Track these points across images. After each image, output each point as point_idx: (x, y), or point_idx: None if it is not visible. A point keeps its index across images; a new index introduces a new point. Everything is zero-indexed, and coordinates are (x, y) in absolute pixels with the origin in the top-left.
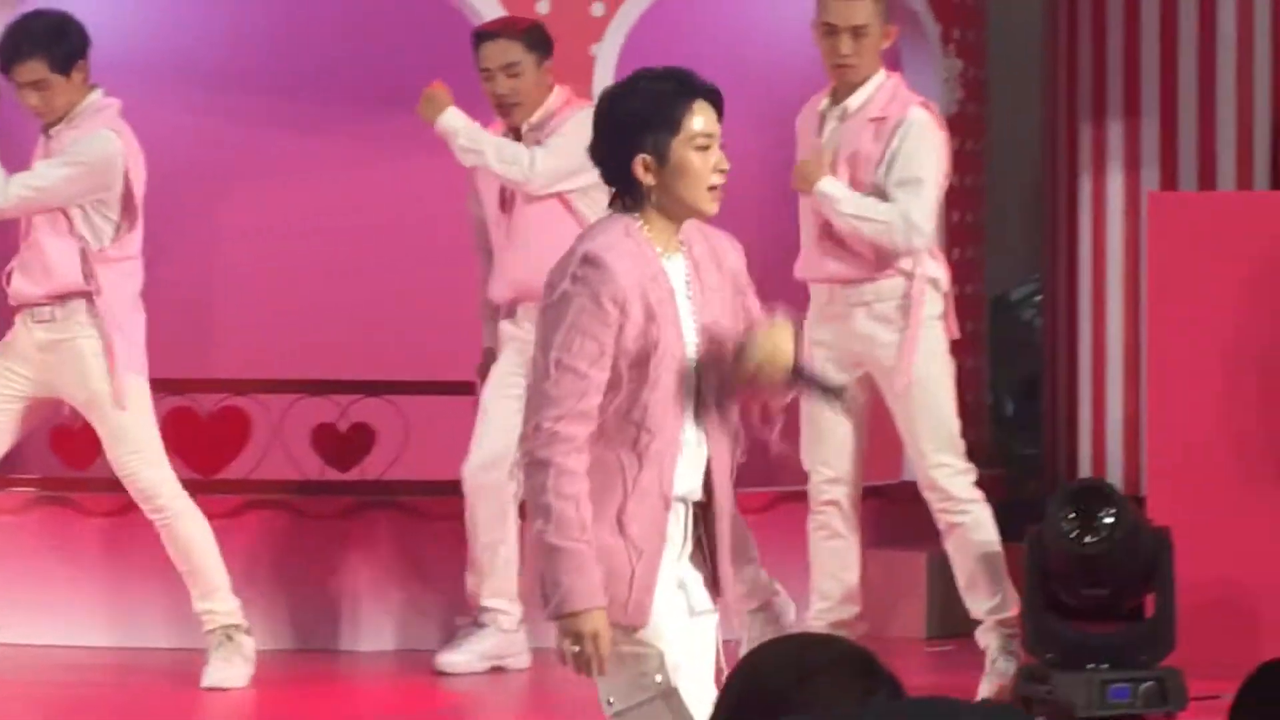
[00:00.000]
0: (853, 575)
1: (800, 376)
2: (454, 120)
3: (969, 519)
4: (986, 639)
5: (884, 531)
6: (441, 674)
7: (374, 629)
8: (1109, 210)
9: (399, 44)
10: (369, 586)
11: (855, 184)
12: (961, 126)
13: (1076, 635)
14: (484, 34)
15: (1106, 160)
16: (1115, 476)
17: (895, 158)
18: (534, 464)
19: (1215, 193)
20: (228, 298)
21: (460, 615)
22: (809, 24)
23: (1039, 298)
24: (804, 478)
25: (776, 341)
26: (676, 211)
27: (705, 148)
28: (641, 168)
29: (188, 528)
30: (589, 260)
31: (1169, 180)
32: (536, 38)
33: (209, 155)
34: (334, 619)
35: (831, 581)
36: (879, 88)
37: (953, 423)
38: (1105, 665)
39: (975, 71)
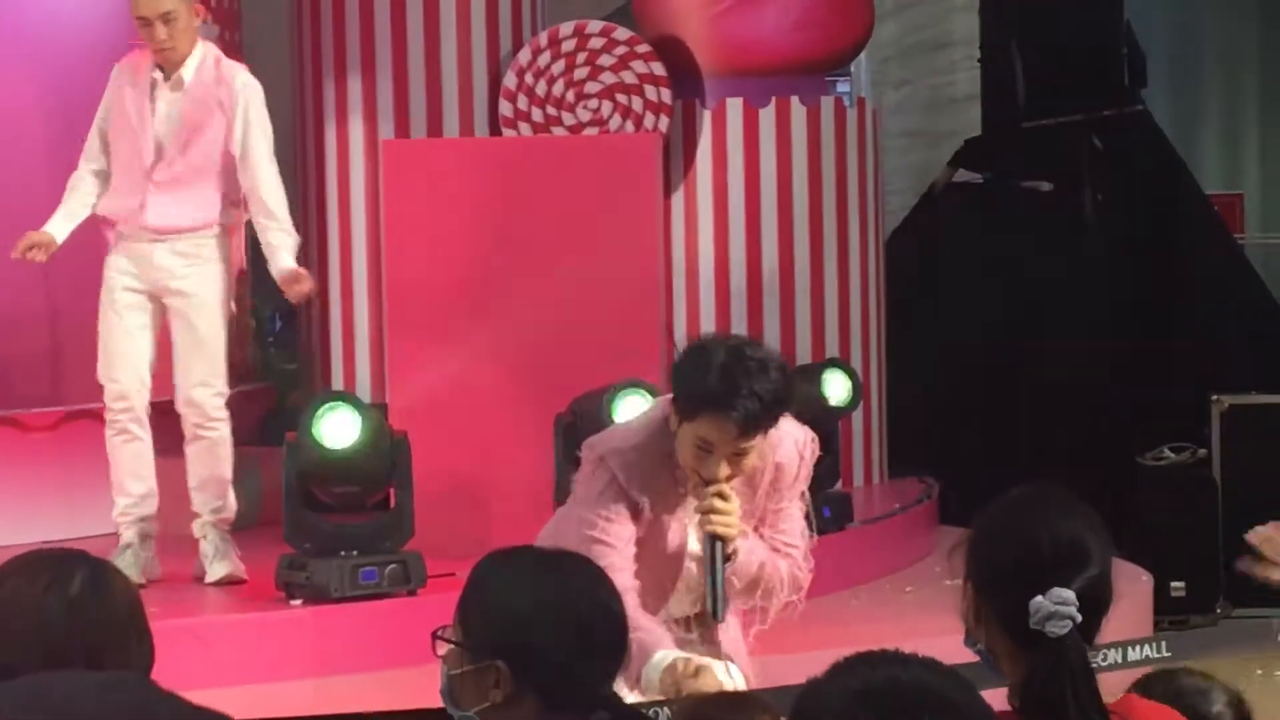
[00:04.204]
0: (151, 475)
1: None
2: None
3: (217, 434)
4: (204, 531)
5: (165, 441)
6: None
7: None
8: (351, 156)
9: None
10: None
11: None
12: None
13: (330, 526)
14: None
15: (348, 113)
16: (363, 388)
17: (245, 130)
18: None
19: (442, 139)
20: None
21: None
22: None
23: None
24: (92, 396)
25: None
26: None
27: (704, 449)
28: (673, 408)
29: None
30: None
31: (402, 129)
32: None
33: None
34: None
35: (135, 481)
36: (202, 60)
37: (224, 349)
38: (356, 552)
39: (231, 35)
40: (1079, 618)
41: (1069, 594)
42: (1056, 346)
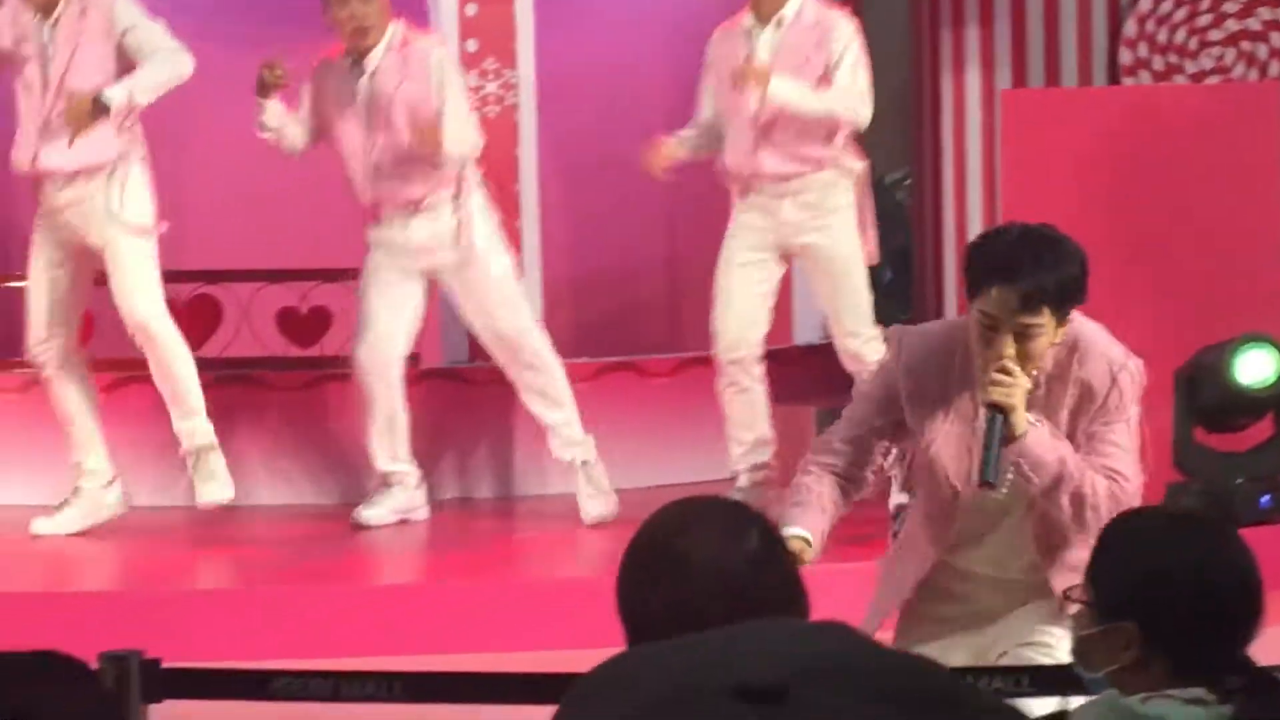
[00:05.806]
0: (764, 423)
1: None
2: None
3: None
4: None
5: (777, 389)
6: (360, 526)
7: (330, 483)
8: (968, 105)
9: None
10: (325, 447)
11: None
12: None
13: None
14: None
15: (965, 62)
16: None
17: (838, 61)
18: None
19: (1060, 89)
20: (198, 196)
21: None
22: None
23: (909, 181)
24: (706, 344)
25: None
26: None
27: (989, 327)
28: (966, 287)
29: (172, 352)
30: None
31: (1019, 78)
32: None
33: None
34: (303, 474)
35: (745, 430)
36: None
37: (867, 296)
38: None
39: None
40: None
41: None
42: None
